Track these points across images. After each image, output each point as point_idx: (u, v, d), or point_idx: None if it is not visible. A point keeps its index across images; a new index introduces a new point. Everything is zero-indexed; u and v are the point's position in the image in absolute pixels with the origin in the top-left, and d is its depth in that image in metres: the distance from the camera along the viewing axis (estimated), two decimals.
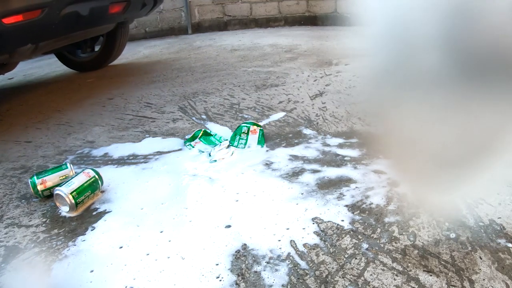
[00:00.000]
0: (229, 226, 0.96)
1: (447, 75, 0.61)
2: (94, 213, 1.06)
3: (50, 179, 1.13)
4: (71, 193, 1.04)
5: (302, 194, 1.09)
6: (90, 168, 1.14)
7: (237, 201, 1.08)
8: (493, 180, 1.11)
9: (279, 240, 0.90)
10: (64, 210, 1.06)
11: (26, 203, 1.13)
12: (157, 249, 0.90)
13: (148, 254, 0.88)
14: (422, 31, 0.61)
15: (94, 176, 1.11)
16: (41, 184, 1.12)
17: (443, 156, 0.75)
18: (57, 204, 1.08)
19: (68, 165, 1.19)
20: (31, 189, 1.12)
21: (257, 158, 1.32)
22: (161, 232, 0.96)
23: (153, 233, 0.95)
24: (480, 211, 0.97)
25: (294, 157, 1.31)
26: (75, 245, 0.93)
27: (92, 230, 0.99)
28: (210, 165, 1.29)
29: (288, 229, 0.94)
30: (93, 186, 1.10)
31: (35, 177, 1.12)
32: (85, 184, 1.08)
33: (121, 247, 0.91)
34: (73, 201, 1.04)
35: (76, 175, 1.11)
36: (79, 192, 1.06)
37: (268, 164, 1.27)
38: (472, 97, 0.61)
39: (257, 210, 1.03)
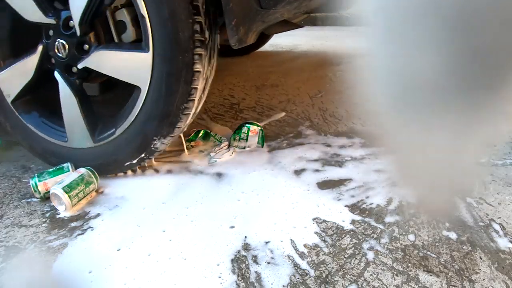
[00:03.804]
0: (232, 227, 0.96)
1: (448, 75, 0.61)
2: (94, 213, 1.06)
3: (51, 182, 1.13)
4: (63, 188, 1.04)
5: (303, 194, 1.09)
6: (83, 168, 1.15)
7: (239, 200, 1.08)
8: (493, 180, 1.11)
9: (281, 241, 0.90)
10: (61, 210, 1.06)
11: (26, 203, 1.13)
12: (159, 250, 0.90)
13: (149, 255, 0.88)
14: (423, 31, 0.61)
15: (85, 172, 1.12)
16: (42, 186, 1.12)
17: (443, 155, 0.75)
18: (54, 204, 1.08)
19: (70, 167, 1.19)
20: (32, 190, 1.12)
21: (258, 158, 1.32)
22: (163, 231, 0.96)
23: (155, 233, 0.96)
24: (480, 211, 0.97)
25: (295, 157, 1.31)
26: (75, 245, 0.93)
27: (92, 230, 0.99)
28: (210, 165, 1.29)
29: (289, 229, 0.94)
30: (86, 180, 1.10)
31: (36, 179, 1.12)
32: (77, 179, 1.09)
33: (121, 248, 0.91)
34: (66, 195, 1.04)
35: (68, 175, 1.12)
36: (71, 186, 1.06)
37: (269, 164, 1.27)
38: (474, 97, 0.61)
39: (258, 209, 1.03)
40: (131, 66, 1.08)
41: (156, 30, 1.01)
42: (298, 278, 0.79)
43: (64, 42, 1.13)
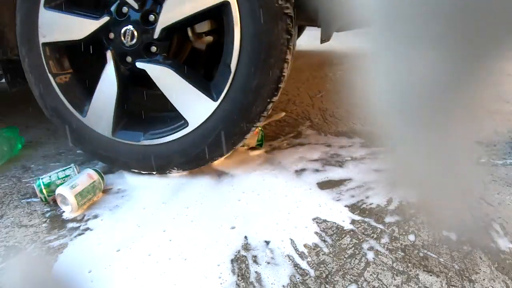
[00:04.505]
0: (233, 227, 0.96)
1: (449, 74, 0.61)
2: (94, 213, 1.06)
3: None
4: (75, 196, 1.03)
5: (303, 194, 1.09)
6: (93, 169, 1.13)
7: (239, 200, 1.08)
8: (493, 180, 1.11)
9: (282, 241, 0.90)
10: (66, 210, 1.06)
11: (26, 203, 1.13)
12: (159, 250, 0.90)
13: (149, 255, 0.88)
14: (424, 30, 0.61)
15: (97, 179, 1.11)
16: (52, 198, 1.10)
17: (443, 155, 0.75)
18: (58, 202, 1.07)
19: (74, 169, 1.18)
20: (38, 193, 1.10)
21: (258, 158, 1.32)
22: (164, 231, 0.96)
23: (155, 233, 0.96)
24: (480, 211, 0.97)
25: (295, 157, 1.31)
26: (75, 245, 0.93)
27: (92, 230, 0.99)
28: (211, 165, 1.29)
29: (289, 229, 0.94)
30: (96, 187, 1.10)
31: (43, 188, 1.09)
32: (89, 186, 1.08)
33: (121, 248, 0.91)
34: (75, 203, 1.04)
35: (79, 175, 1.11)
36: (83, 195, 1.06)
37: (269, 164, 1.27)
38: (475, 97, 0.61)
39: (259, 209, 1.03)
40: (190, 101, 1.04)
41: (234, 91, 1.00)
42: (298, 278, 0.79)
43: (135, 32, 1.04)
